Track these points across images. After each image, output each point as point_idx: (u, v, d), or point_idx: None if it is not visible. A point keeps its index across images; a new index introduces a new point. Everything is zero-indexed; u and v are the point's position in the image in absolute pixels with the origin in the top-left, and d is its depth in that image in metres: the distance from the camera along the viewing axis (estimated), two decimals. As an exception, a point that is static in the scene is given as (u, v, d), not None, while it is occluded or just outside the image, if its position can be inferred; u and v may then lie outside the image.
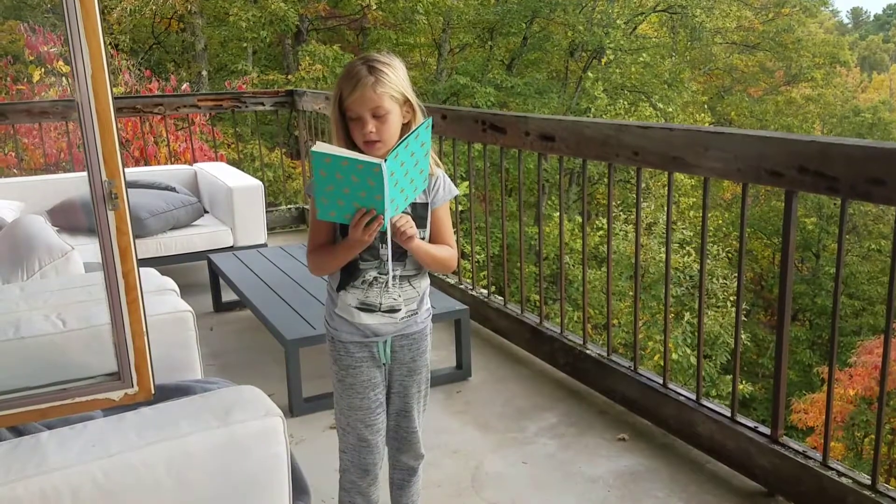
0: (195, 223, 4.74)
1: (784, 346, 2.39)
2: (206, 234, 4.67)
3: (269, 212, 5.72)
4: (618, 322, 12.90)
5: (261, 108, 6.25)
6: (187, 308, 2.43)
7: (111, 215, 1.48)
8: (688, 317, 12.73)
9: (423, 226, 1.85)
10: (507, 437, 2.88)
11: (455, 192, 1.92)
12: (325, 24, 18.71)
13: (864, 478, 2.17)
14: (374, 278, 1.84)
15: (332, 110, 1.78)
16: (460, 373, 3.38)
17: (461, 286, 4.16)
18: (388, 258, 1.79)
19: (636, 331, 3.11)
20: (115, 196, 1.46)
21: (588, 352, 3.21)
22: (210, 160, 6.74)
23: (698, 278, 2.92)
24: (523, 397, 3.20)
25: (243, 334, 3.99)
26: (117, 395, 1.58)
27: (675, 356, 12.04)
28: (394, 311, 1.88)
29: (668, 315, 3.01)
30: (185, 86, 8.99)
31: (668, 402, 2.79)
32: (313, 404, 3.07)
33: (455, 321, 3.35)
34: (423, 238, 1.85)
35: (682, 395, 2.77)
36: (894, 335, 2.08)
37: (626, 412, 3.00)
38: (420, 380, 1.98)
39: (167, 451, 1.49)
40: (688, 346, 12.28)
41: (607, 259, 3.19)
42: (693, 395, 2.74)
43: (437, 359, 3.33)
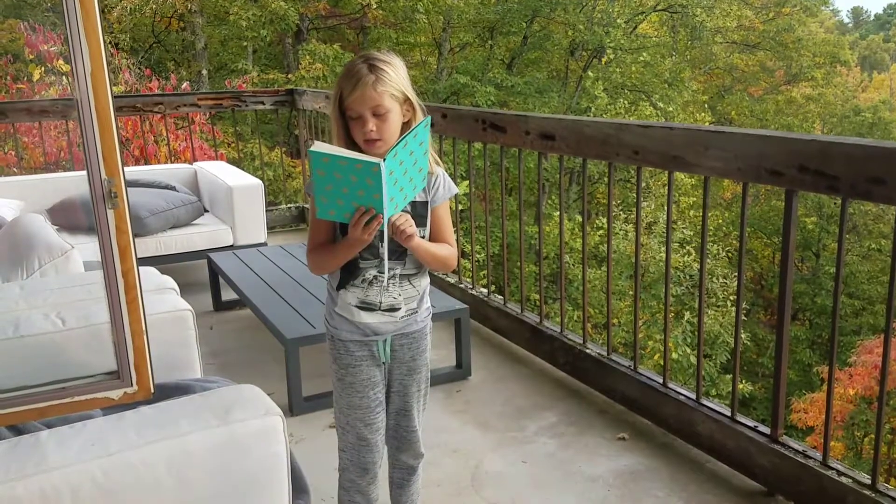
0: (195, 222, 4.74)
1: (784, 345, 2.39)
2: (206, 233, 4.67)
3: (269, 211, 5.72)
4: (618, 321, 12.90)
5: (261, 107, 6.25)
6: (187, 307, 2.43)
7: (111, 214, 1.47)
8: (688, 316, 12.73)
9: (422, 224, 1.85)
10: (507, 437, 2.88)
11: (455, 190, 1.92)
12: (325, 23, 18.72)
13: (864, 477, 2.17)
14: (374, 277, 1.84)
15: (332, 109, 1.77)
16: (460, 372, 3.38)
17: (461, 285, 4.16)
18: (385, 257, 1.78)
19: (636, 330, 3.11)
20: (114, 195, 1.46)
21: (588, 351, 3.21)
22: (210, 159, 6.74)
23: (698, 278, 2.92)
24: (523, 396, 3.20)
25: (243, 333, 3.98)
26: (116, 394, 1.58)
27: (675, 355, 12.05)
28: (394, 309, 1.88)
29: (668, 314, 3.00)
30: (185, 85, 8.98)
31: (668, 402, 2.79)
32: (313, 403, 3.07)
33: (455, 320, 3.35)
34: (423, 236, 1.84)
35: (682, 395, 2.77)
36: (894, 335, 2.08)
37: (625, 411, 3.00)
38: (420, 379, 1.98)
39: (167, 450, 1.48)
40: (688, 345, 12.29)
41: (607, 258, 3.19)
42: (693, 395, 2.74)
43: (436, 358, 3.32)
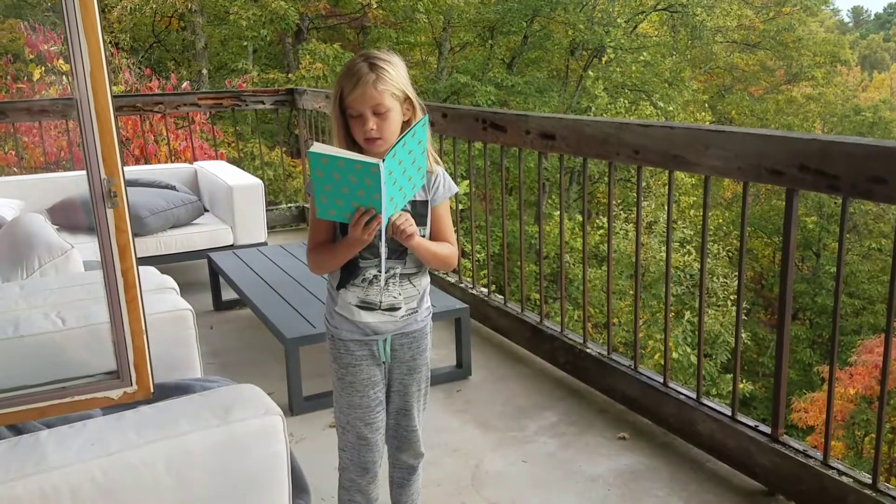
0: (195, 222, 4.74)
1: (784, 344, 2.39)
2: (207, 233, 4.67)
3: (269, 210, 5.72)
4: (618, 321, 12.90)
5: (261, 106, 6.25)
6: (187, 306, 2.43)
7: (110, 213, 1.47)
8: (688, 316, 12.73)
9: (423, 223, 1.85)
10: (507, 436, 2.87)
11: (455, 189, 1.92)
12: (325, 22, 18.71)
13: (865, 477, 2.17)
14: (375, 276, 1.84)
15: (332, 108, 1.77)
16: (460, 371, 3.38)
17: (461, 285, 4.15)
18: (383, 257, 1.78)
19: (636, 330, 3.10)
20: (114, 194, 1.46)
21: (588, 350, 3.21)
22: (210, 159, 6.74)
23: (699, 277, 2.92)
24: (523, 396, 3.20)
25: (243, 333, 3.98)
26: (116, 394, 1.58)
27: (675, 355, 12.04)
28: (394, 309, 1.87)
29: (668, 314, 3.00)
30: (185, 84, 8.99)
31: (669, 401, 2.79)
32: (313, 403, 3.07)
33: (455, 320, 3.35)
34: (423, 235, 1.84)
35: (683, 394, 2.76)
36: (895, 334, 2.07)
37: (626, 411, 3.00)
38: (420, 378, 1.98)
39: (167, 450, 1.48)
40: (688, 344, 12.28)
41: (608, 258, 3.19)
42: (693, 394, 2.73)
43: (437, 357, 3.32)
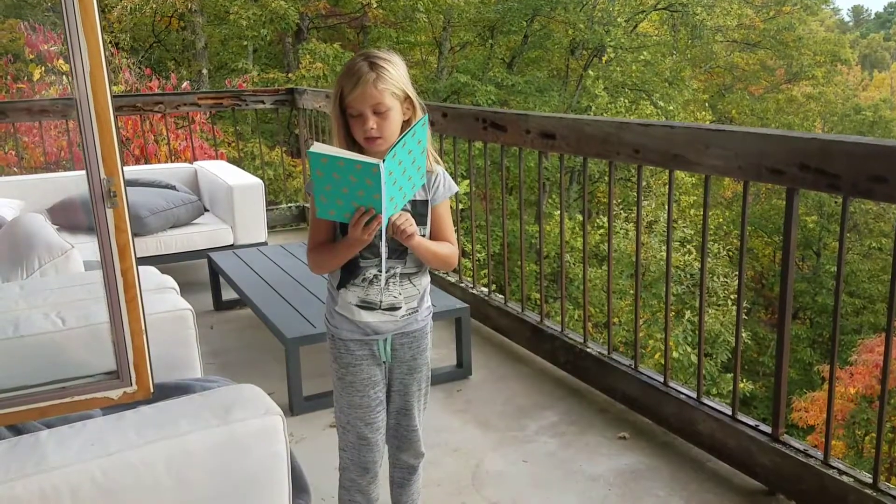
0: (195, 221, 4.74)
1: (785, 344, 2.38)
2: (207, 233, 4.67)
3: (269, 210, 5.72)
4: (618, 320, 12.89)
5: (261, 106, 6.25)
6: (187, 306, 2.43)
7: (110, 213, 1.47)
8: (688, 315, 12.73)
9: (423, 223, 1.85)
10: (508, 436, 2.87)
11: (455, 188, 1.92)
12: (325, 22, 18.71)
13: (866, 476, 2.17)
14: (375, 276, 1.84)
15: (332, 108, 1.77)
16: (461, 371, 3.38)
17: (462, 284, 4.15)
18: (384, 257, 1.78)
19: (637, 329, 3.10)
20: (113, 194, 1.45)
21: (589, 350, 3.21)
22: (210, 158, 6.74)
23: (699, 276, 2.92)
24: (524, 396, 3.20)
25: (243, 333, 3.98)
26: (116, 394, 1.57)
27: (675, 354, 12.04)
28: (394, 308, 1.87)
29: (668, 313, 3.00)
30: (185, 84, 8.99)
31: (669, 401, 2.79)
32: (313, 403, 3.06)
33: (455, 319, 3.35)
34: (423, 235, 1.84)
35: (683, 394, 2.76)
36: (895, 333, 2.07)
37: (626, 410, 2.99)
38: (420, 378, 1.98)
39: (167, 450, 1.48)
40: (688, 344, 12.28)
41: (608, 257, 3.19)
42: (694, 394, 2.73)
43: (437, 357, 3.32)
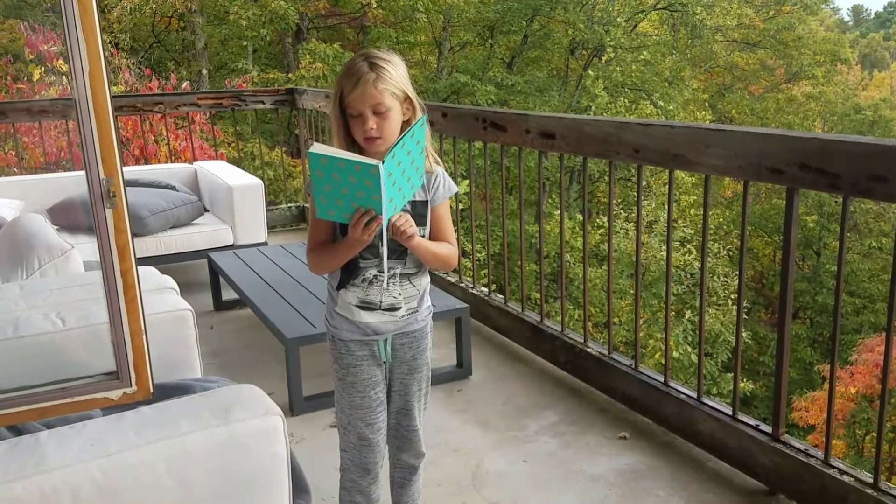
0: (195, 222, 4.74)
1: (785, 343, 2.38)
2: (207, 233, 4.67)
3: (269, 210, 5.72)
4: (618, 320, 12.89)
5: (261, 106, 6.25)
6: (187, 307, 2.43)
7: (109, 213, 1.47)
8: (689, 315, 12.73)
9: (422, 224, 1.84)
10: (508, 436, 2.87)
11: (455, 189, 1.91)
12: (325, 22, 18.71)
13: (866, 476, 2.17)
14: (375, 276, 1.84)
15: (332, 107, 1.77)
16: (461, 371, 3.38)
17: (462, 284, 4.15)
18: (384, 257, 1.78)
19: (637, 329, 3.10)
20: (113, 194, 1.45)
21: (589, 350, 3.21)
22: (210, 159, 6.74)
23: (699, 276, 2.92)
24: (524, 396, 3.19)
25: (243, 333, 3.98)
26: (116, 395, 1.57)
27: (675, 354, 12.04)
28: (394, 309, 1.87)
29: (668, 313, 2.99)
30: (185, 84, 8.98)
31: (669, 401, 2.79)
32: (313, 403, 3.06)
33: (455, 319, 3.35)
34: (423, 235, 1.84)
35: (683, 394, 2.76)
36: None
37: (626, 410, 2.99)
38: (420, 378, 1.98)
39: (167, 451, 1.48)
40: (689, 344, 12.28)
41: (608, 257, 3.19)
42: (694, 394, 2.73)
43: (437, 357, 3.32)
